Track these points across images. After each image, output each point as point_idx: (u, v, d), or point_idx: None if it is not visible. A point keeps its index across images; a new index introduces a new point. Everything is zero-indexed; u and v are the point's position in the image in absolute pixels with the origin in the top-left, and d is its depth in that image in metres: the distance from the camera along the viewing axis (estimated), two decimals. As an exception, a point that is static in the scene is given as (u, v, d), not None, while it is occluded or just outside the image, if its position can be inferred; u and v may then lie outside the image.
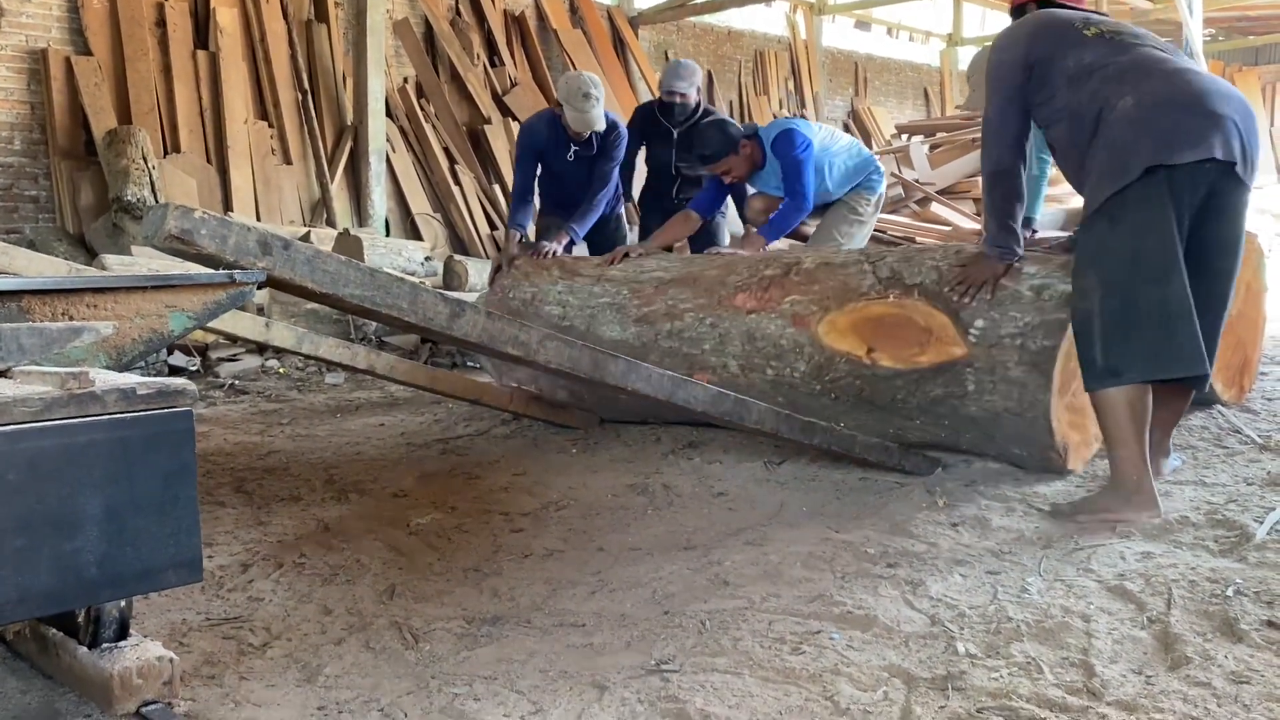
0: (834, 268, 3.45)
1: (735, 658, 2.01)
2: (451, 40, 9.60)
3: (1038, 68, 2.90)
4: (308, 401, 5.14)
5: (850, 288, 3.36)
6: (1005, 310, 3.06)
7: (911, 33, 15.28)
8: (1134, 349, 2.68)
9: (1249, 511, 2.79)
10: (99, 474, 1.47)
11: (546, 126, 4.78)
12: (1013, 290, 3.07)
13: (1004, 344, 3.03)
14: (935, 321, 3.16)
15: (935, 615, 2.19)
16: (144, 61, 7.75)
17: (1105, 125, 2.74)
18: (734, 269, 3.70)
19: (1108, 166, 2.71)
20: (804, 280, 3.47)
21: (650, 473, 3.46)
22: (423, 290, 2.17)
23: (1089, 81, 2.80)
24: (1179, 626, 2.08)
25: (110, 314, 1.78)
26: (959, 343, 3.10)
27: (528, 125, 5.01)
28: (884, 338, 3.25)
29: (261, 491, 3.36)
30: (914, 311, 3.20)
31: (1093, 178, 2.76)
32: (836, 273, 3.43)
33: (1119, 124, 2.71)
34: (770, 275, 3.56)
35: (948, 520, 2.83)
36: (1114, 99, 2.74)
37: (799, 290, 3.46)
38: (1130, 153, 2.67)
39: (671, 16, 11.59)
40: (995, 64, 2.99)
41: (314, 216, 8.53)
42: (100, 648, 1.74)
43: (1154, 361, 2.69)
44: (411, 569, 2.60)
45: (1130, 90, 2.74)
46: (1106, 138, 2.73)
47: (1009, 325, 3.04)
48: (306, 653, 2.09)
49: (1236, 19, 14.13)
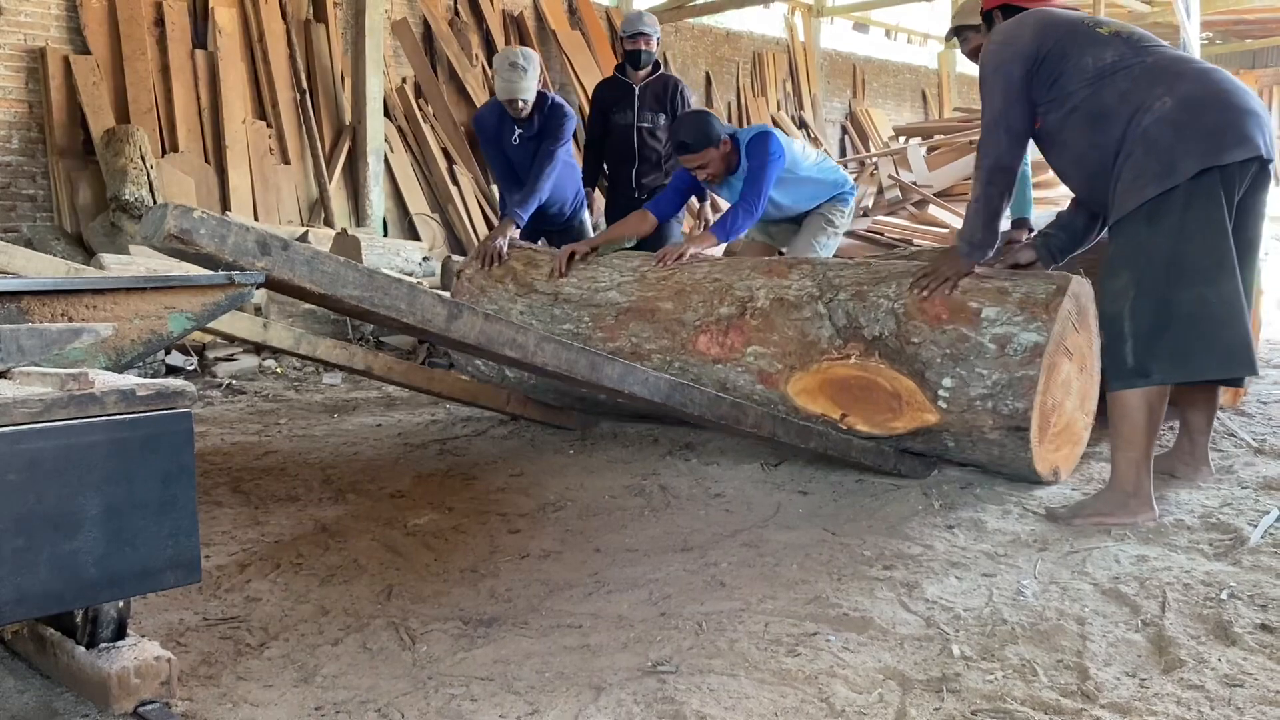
0: (788, 307, 3.33)
1: (731, 659, 2.02)
2: (450, 40, 9.61)
3: (1047, 63, 2.87)
4: (305, 401, 5.15)
5: (809, 340, 3.26)
6: (971, 367, 2.99)
7: (910, 35, 15.30)
8: (1165, 351, 2.70)
9: (1243, 515, 2.80)
10: (98, 475, 1.48)
11: (492, 113, 4.85)
12: (975, 342, 2.99)
13: (976, 408, 3.00)
14: (902, 385, 3.10)
15: (931, 617, 2.20)
16: (142, 61, 7.75)
17: (1140, 127, 2.73)
18: (688, 301, 3.54)
19: (1148, 168, 2.70)
20: (762, 325, 3.35)
21: (647, 474, 3.47)
22: (421, 291, 2.17)
23: (1115, 81, 2.79)
24: (1173, 629, 2.09)
25: (109, 315, 1.79)
26: (930, 409, 3.06)
27: (476, 117, 5.09)
28: (855, 401, 3.19)
29: (259, 492, 3.36)
30: (879, 375, 3.14)
31: (1126, 179, 2.75)
32: (791, 316, 3.31)
33: (1159, 125, 2.70)
34: (727, 316, 3.43)
35: (943, 523, 2.84)
36: (1149, 100, 2.73)
37: (758, 339, 3.35)
38: (1176, 154, 2.67)
39: (670, 18, 11.60)
40: (1000, 57, 2.93)
41: (312, 216, 8.54)
42: (98, 647, 1.74)
43: (1184, 364, 2.71)
44: (409, 569, 2.60)
45: (1165, 91, 2.73)
46: (1146, 139, 2.72)
47: (977, 385, 2.98)
48: (303, 653, 2.10)
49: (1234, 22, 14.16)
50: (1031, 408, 2.92)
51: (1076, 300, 3.06)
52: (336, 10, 8.90)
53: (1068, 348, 3.07)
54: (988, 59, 2.97)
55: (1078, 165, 2.98)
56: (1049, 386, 3.00)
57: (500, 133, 4.81)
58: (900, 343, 3.10)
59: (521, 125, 4.73)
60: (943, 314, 3.05)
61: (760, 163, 4.09)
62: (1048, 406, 3.03)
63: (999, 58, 2.94)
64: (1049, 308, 2.96)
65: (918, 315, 3.09)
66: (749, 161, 4.15)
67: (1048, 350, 2.93)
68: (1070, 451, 3.20)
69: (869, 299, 3.20)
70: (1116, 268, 2.79)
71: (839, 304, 3.25)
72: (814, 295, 3.31)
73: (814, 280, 3.36)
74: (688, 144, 4.07)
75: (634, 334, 3.61)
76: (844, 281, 3.30)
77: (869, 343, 3.16)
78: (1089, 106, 2.83)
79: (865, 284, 3.25)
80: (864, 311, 3.19)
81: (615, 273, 3.81)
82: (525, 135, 4.75)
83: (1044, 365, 2.92)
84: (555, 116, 4.72)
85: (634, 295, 3.68)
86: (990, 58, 2.96)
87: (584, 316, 3.75)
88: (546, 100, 4.73)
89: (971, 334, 3.01)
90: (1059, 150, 3.00)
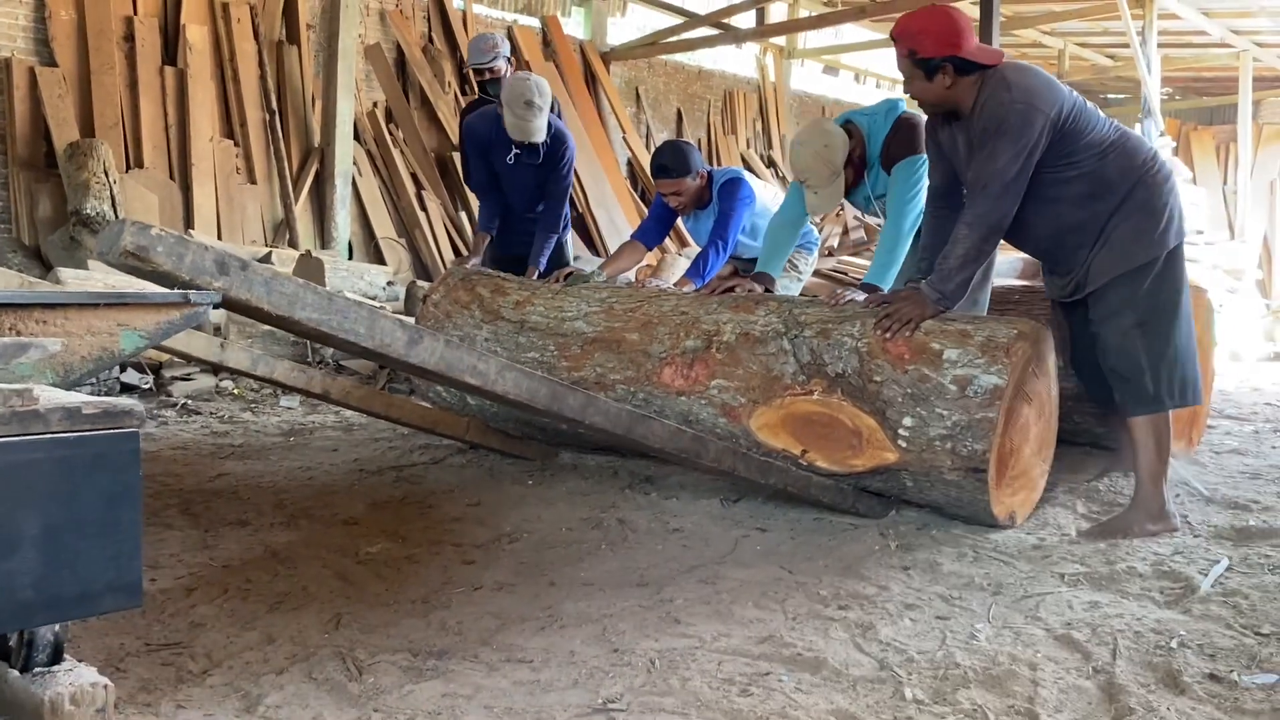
0: (753, 342, 3.32)
1: (683, 698, 1.99)
2: (423, 67, 9.61)
3: (1064, 133, 3.02)
4: (261, 424, 5.08)
5: (773, 375, 3.26)
6: (931, 407, 3.01)
7: (878, 79, 15.52)
8: (1176, 380, 3.13)
9: (1194, 564, 2.83)
10: (38, 494, 1.44)
11: (484, 123, 4.74)
12: (936, 382, 3.01)
13: (935, 448, 3.01)
14: (863, 423, 3.11)
15: (884, 659, 2.19)
16: (110, 75, 7.68)
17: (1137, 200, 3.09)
18: (654, 334, 3.53)
19: (1152, 230, 3.10)
20: (727, 359, 3.34)
21: (606, 506, 3.45)
22: (380, 316, 2.15)
23: (1117, 157, 3.10)
24: (1123, 677, 2.09)
25: (60, 330, 1.75)
26: (890, 447, 3.07)
27: (469, 124, 4.92)
28: (816, 438, 3.20)
29: (209, 514, 3.30)
30: (840, 412, 3.15)
31: (1125, 239, 3.10)
32: (757, 351, 3.31)
33: (1162, 193, 3.12)
34: (693, 349, 3.41)
35: (899, 563, 2.84)
36: (1145, 173, 3.11)
37: (723, 373, 3.34)
38: (1173, 221, 3.14)
39: (643, 54, 11.70)
40: (1027, 115, 2.94)
41: (277, 237, 8.46)
42: (32, 672, 1.69)
43: (1184, 392, 3.15)
44: (359, 598, 2.56)
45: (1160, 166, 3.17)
46: (1145, 209, 3.10)
47: (937, 425, 3.00)
48: (247, 681, 2.05)
49: (1193, 79, 14.50)
50: (990, 449, 2.94)
51: (1036, 346, 3.09)
52: (309, 33, 8.88)
53: (1027, 393, 3.10)
54: (1014, 116, 2.94)
55: (1054, 220, 3.14)
56: (1008, 429, 3.02)
57: (491, 145, 4.70)
58: (863, 381, 3.11)
59: (522, 149, 4.61)
60: (905, 354, 3.07)
61: (731, 205, 4.21)
62: (1006, 450, 3.05)
63: (1027, 116, 2.95)
64: (1010, 351, 2.98)
65: (880, 354, 3.10)
66: (721, 203, 4.26)
67: (1007, 393, 2.95)
68: (1026, 496, 3.22)
69: (833, 337, 3.21)
70: (1121, 309, 3.12)
71: (804, 340, 3.25)
72: (779, 331, 3.31)
73: (780, 317, 3.36)
74: (669, 168, 4.21)
75: (599, 364, 3.59)
76: (809, 319, 3.31)
77: (832, 379, 3.17)
78: (1095, 176, 3.08)
79: (830, 322, 3.26)
80: (828, 349, 3.20)
81: (583, 303, 3.80)
82: (524, 159, 4.63)
83: (1003, 408, 2.95)
84: (563, 149, 4.63)
85: (600, 325, 3.67)
86: (1018, 117, 2.94)
87: (549, 345, 3.73)
88: (551, 127, 4.61)
89: (933, 374, 3.03)
90: (1038, 205, 3.10)
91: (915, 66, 3.08)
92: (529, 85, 4.47)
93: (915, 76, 3.09)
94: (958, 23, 3.07)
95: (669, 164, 4.21)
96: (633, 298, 3.75)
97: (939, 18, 3.08)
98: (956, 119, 3.15)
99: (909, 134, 3.63)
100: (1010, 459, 3.09)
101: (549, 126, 4.59)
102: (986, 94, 3.03)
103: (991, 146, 2.99)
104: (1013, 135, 2.95)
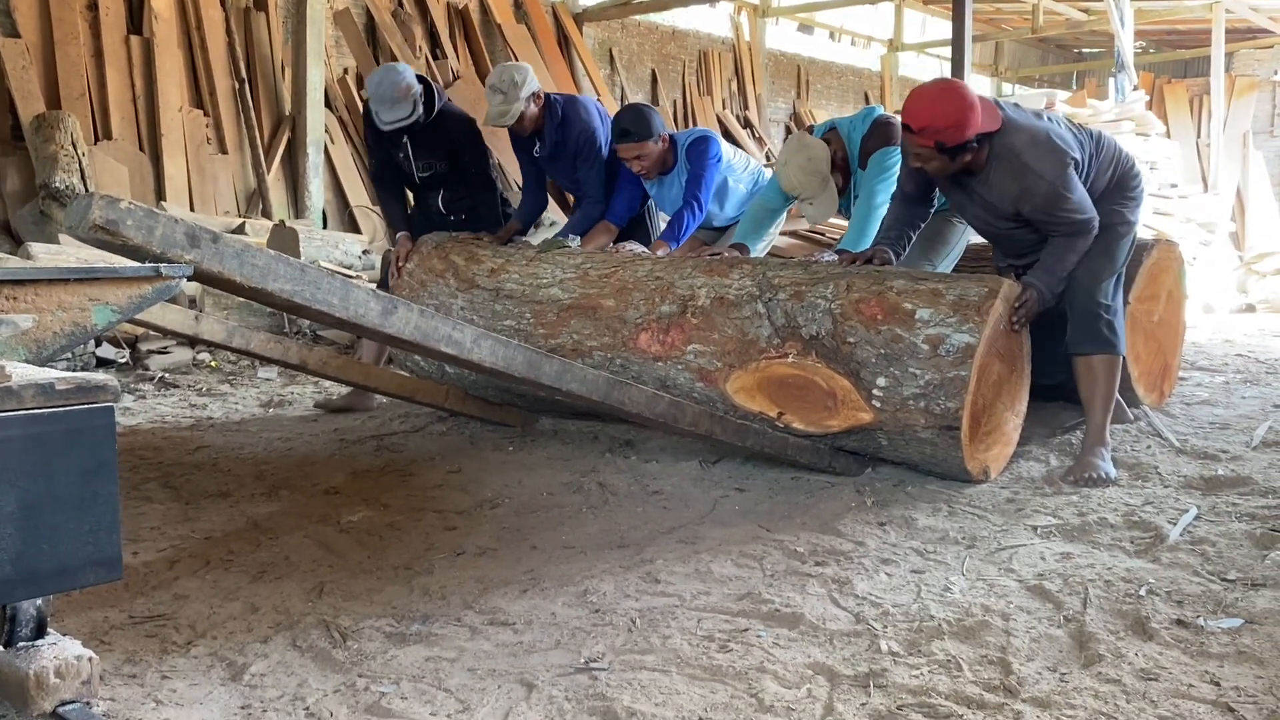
0: (729, 306, 3.34)
1: (664, 655, 2.03)
2: (393, 32, 9.50)
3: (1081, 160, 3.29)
4: (239, 396, 5.07)
5: (748, 339, 3.27)
6: (904, 366, 3.04)
7: (854, 37, 15.44)
8: (1120, 330, 3.34)
9: (1164, 514, 2.88)
10: (14, 471, 1.44)
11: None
12: (909, 342, 3.04)
13: (909, 407, 3.04)
14: (838, 384, 3.14)
15: (860, 613, 2.23)
16: (74, 45, 7.56)
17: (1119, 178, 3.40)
18: (629, 299, 3.52)
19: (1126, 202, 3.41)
20: (703, 324, 3.35)
21: (586, 471, 3.47)
22: (354, 287, 2.15)
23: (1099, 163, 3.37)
24: (1094, 625, 2.14)
25: (30, 306, 1.74)
26: (865, 408, 3.10)
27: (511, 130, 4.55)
28: (792, 400, 3.22)
29: (190, 487, 3.31)
30: (815, 374, 3.17)
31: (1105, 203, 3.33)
32: (731, 315, 3.32)
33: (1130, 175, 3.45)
34: (668, 314, 3.42)
35: (875, 520, 2.88)
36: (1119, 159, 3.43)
37: (699, 337, 3.35)
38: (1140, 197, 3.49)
39: (616, 14, 11.59)
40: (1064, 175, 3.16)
41: (249, 207, 8.39)
42: (16, 647, 1.70)
43: (1120, 343, 3.36)
44: (341, 567, 2.58)
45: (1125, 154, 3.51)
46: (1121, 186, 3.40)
47: (910, 385, 3.03)
48: (231, 651, 2.07)
49: (1166, 32, 14.50)
50: (963, 407, 2.97)
51: (1008, 303, 3.12)
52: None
53: (999, 350, 3.13)
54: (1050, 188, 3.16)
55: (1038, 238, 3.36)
56: (980, 387, 3.06)
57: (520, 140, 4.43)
58: (836, 342, 3.13)
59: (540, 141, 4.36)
60: (878, 314, 3.10)
61: (701, 165, 4.17)
62: (979, 406, 3.08)
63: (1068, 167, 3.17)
64: (981, 310, 3.01)
65: (854, 316, 3.13)
66: (691, 164, 4.20)
67: (979, 351, 2.98)
68: (1000, 451, 3.27)
69: (807, 299, 3.23)
70: (1100, 253, 3.32)
71: (778, 303, 3.27)
72: (754, 295, 3.33)
73: (754, 280, 3.37)
74: (630, 131, 4.11)
75: (575, 331, 3.60)
76: (783, 281, 3.32)
77: (806, 342, 3.19)
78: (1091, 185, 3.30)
79: (804, 284, 3.28)
80: (802, 311, 3.22)
81: (558, 269, 3.80)
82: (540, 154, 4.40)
83: (975, 366, 2.98)
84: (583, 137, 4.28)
85: (576, 292, 3.67)
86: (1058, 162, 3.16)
87: (525, 313, 3.73)
88: (558, 111, 4.30)
89: (905, 334, 3.05)
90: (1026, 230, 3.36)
91: (940, 153, 3.16)
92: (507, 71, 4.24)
93: (938, 159, 3.19)
94: (971, 101, 3.12)
95: (630, 127, 4.11)
96: (607, 263, 3.75)
97: (956, 104, 3.11)
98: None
99: (885, 130, 3.81)
100: (983, 415, 3.13)
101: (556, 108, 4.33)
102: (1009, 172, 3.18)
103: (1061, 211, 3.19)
104: (1066, 187, 3.17)
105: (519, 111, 4.21)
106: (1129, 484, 3.19)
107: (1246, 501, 2.99)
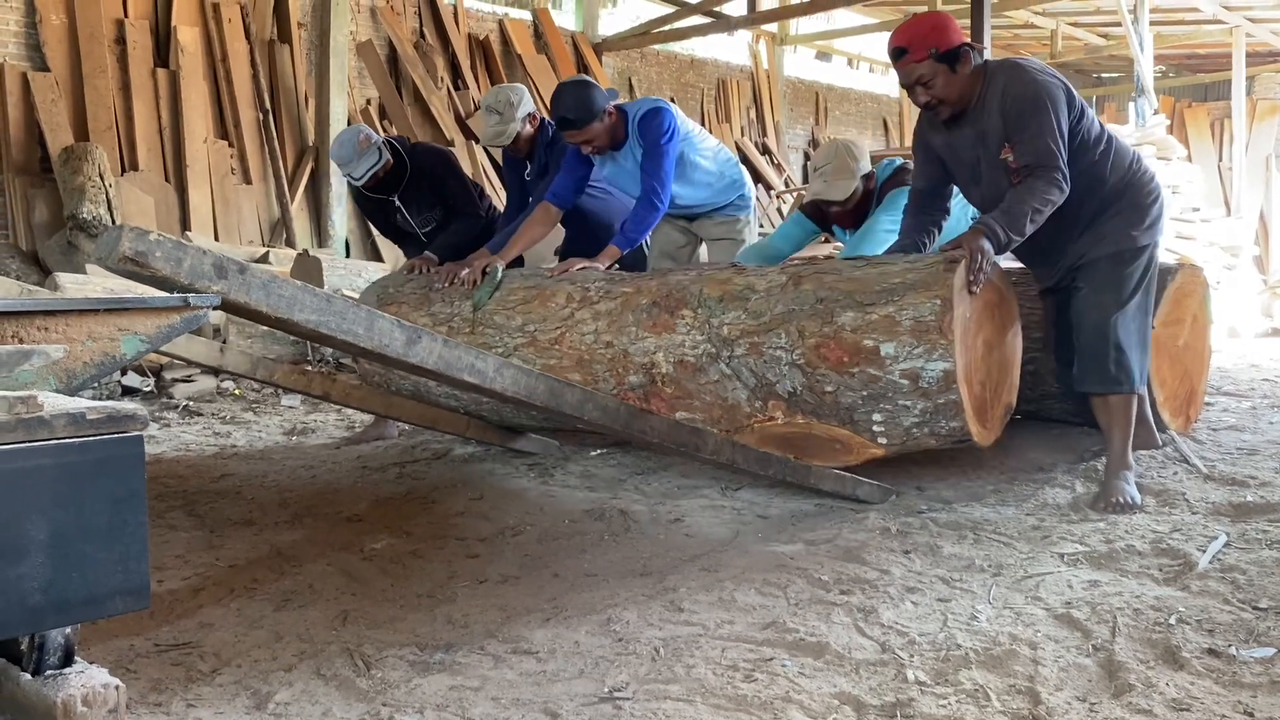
0: (694, 371, 3.23)
1: (688, 685, 2.02)
2: (415, 63, 9.61)
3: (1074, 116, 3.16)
4: (263, 424, 5.10)
5: (730, 404, 3.21)
6: (894, 402, 2.96)
7: (871, 64, 15.51)
8: (1136, 366, 3.28)
9: (1192, 540, 2.85)
10: (46, 500, 1.46)
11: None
12: (887, 380, 2.93)
13: (914, 434, 3.03)
14: (838, 433, 3.12)
15: (886, 643, 2.22)
16: (102, 78, 7.69)
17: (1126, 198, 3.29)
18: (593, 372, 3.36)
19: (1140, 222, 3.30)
20: (678, 392, 3.27)
21: (608, 498, 3.47)
22: (379, 317, 2.17)
23: (1112, 156, 3.27)
24: (1123, 654, 2.12)
25: (61, 337, 1.76)
26: (873, 444, 3.10)
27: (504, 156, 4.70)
28: (803, 449, 3.19)
29: (214, 515, 3.32)
30: (811, 429, 3.15)
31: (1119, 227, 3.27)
32: (701, 381, 3.22)
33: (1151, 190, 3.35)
34: (639, 384, 3.31)
35: (900, 547, 2.86)
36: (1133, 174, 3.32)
37: (682, 405, 3.28)
38: (1160, 218, 3.37)
39: (635, 44, 11.70)
40: (1053, 90, 3.10)
41: (273, 236, 8.48)
42: (44, 675, 1.71)
43: (1138, 379, 3.31)
44: (365, 595, 2.58)
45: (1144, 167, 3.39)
46: (1134, 206, 3.30)
47: (906, 416, 2.99)
48: (256, 679, 2.07)
49: (1186, 56, 14.50)
50: (966, 422, 2.97)
51: (961, 278, 2.94)
52: (301, 31, 8.88)
53: (982, 318, 3.05)
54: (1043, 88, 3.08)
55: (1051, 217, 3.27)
56: (975, 373, 3.02)
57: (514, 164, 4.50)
58: (816, 396, 3.07)
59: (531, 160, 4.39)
60: (844, 357, 2.99)
61: (655, 143, 3.78)
62: (986, 399, 3.07)
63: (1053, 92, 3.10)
64: (942, 330, 2.86)
65: (820, 363, 3.02)
66: (644, 141, 3.83)
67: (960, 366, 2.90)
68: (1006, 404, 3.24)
69: (765, 353, 3.11)
70: (1105, 288, 3.27)
71: (740, 361, 3.16)
72: (712, 355, 3.20)
73: (703, 333, 3.22)
74: (571, 120, 3.78)
75: None
76: (732, 333, 3.17)
77: (787, 400, 3.14)
78: (1094, 171, 3.23)
79: (755, 334, 3.13)
80: (767, 368, 3.12)
81: (505, 335, 3.58)
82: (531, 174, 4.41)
83: (963, 383, 2.93)
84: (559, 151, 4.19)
85: (537, 364, 3.45)
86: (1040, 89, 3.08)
87: None
88: (549, 133, 4.32)
89: (880, 373, 2.95)
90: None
91: (939, 63, 3.15)
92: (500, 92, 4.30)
93: (939, 74, 3.17)
94: (950, 18, 3.26)
95: (570, 116, 3.75)
96: (548, 322, 3.51)
97: (937, 17, 3.29)
98: (955, 121, 3.27)
99: (901, 174, 3.88)
100: (992, 403, 3.13)
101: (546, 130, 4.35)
102: (1000, 84, 3.15)
103: (1035, 124, 3.08)
104: (1051, 105, 3.08)
105: (515, 132, 4.25)
106: (1156, 511, 3.16)
107: (1277, 528, 2.95)
